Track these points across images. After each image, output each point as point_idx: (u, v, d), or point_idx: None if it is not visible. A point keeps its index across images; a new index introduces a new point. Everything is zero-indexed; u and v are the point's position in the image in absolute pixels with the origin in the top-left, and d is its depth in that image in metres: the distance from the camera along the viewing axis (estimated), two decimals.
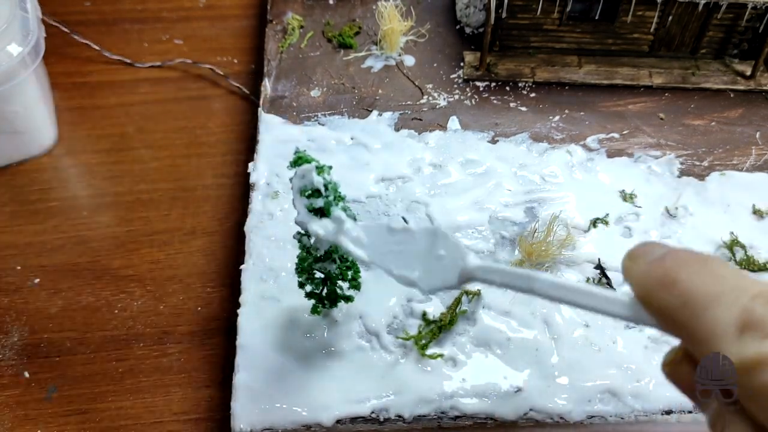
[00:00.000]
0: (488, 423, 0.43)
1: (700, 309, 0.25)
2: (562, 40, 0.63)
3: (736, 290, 0.24)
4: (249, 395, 0.43)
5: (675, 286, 0.26)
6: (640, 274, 0.27)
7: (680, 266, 0.26)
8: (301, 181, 0.37)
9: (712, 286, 0.25)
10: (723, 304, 0.24)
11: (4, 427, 0.45)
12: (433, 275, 0.35)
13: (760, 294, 0.24)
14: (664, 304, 0.26)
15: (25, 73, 0.54)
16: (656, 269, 0.27)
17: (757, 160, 0.56)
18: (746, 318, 0.23)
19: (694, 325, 0.25)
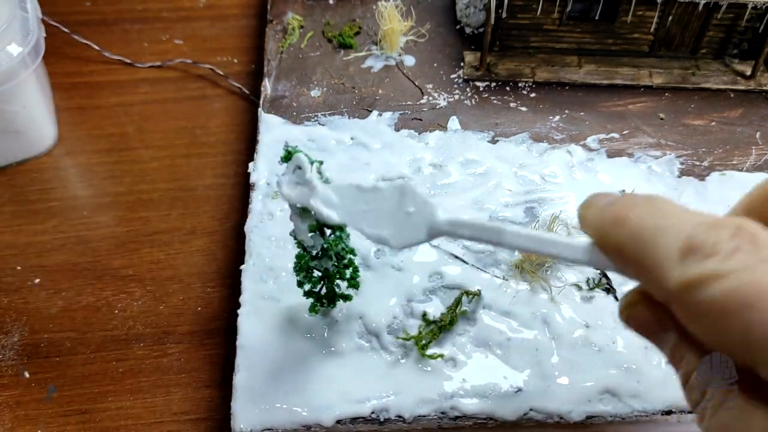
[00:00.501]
0: (488, 423, 0.43)
1: (648, 240, 0.26)
2: (562, 40, 0.63)
3: (681, 221, 0.26)
4: (249, 395, 0.43)
5: (625, 223, 0.27)
6: (594, 218, 0.29)
7: (630, 206, 0.28)
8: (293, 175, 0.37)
9: (659, 219, 0.26)
10: (668, 234, 0.26)
11: (4, 427, 0.45)
12: (403, 232, 0.36)
13: (701, 222, 0.25)
14: (616, 241, 0.28)
15: (25, 73, 0.54)
16: (608, 211, 0.28)
17: (757, 160, 0.56)
18: (688, 243, 0.25)
19: (642, 255, 0.26)
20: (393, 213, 0.36)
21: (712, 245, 0.24)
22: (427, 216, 0.35)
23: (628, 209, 0.28)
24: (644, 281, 0.27)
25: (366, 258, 0.49)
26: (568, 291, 0.48)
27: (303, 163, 0.37)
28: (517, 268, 0.49)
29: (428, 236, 0.35)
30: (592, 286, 0.48)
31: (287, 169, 0.38)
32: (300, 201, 0.38)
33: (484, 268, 0.49)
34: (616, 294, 0.48)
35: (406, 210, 0.35)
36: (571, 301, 0.47)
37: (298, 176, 0.37)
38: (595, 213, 0.29)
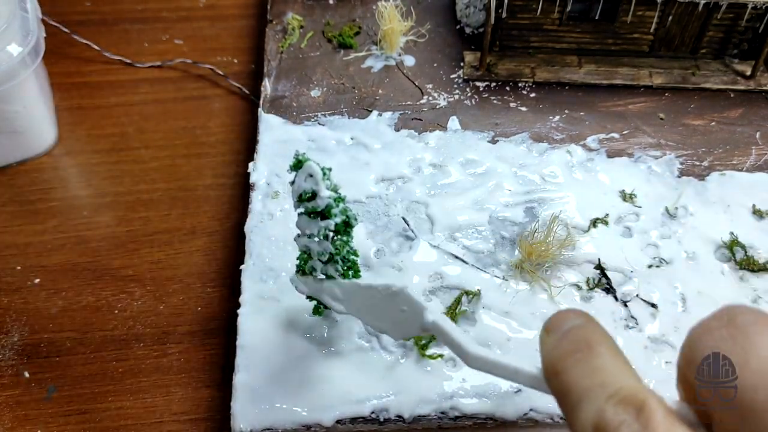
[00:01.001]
0: (488, 423, 0.43)
1: (575, 402, 0.26)
2: (562, 40, 0.63)
3: (600, 387, 0.25)
4: (249, 395, 0.43)
5: (561, 375, 0.27)
6: (545, 353, 0.28)
7: (569, 353, 0.27)
8: (304, 184, 0.37)
9: (586, 379, 0.26)
10: (587, 402, 0.25)
11: (4, 427, 0.45)
12: (400, 326, 0.39)
13: (614, 394, 0.25)
14: (554, 390, 0.27)
15: (25, 73, 0.54)
16: (553, 352, 0.28)
17: (757, 160, 0.56)
18: (598, 421, 0.24)
19: (570, 418, 0.26)
20: (390, 309, 0.39)
21: (615, 428, 0.24)
22: (417, 315, 0.37)
23: (566, 357, 0.27)
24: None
25: (366, 258, 0.49)
26: (568, 291, 0.48)
27: (314, 171, 0.37)
28: (517, 268, 0.49)
29: (422, 331, 0.37)
30: (592, 286, 0.48)
31: (297, 177, 0.38)
32: (313, 294, 0.42)
33: (484, 268, 0.49)
34: (616, 294, 0.48)
35: (400, 308, 0.38)
36: (571, 301, 0.47)
37: (311, 183, 0.37)
38: (547, 347, 0.28)
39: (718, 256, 0.50)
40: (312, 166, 0.37)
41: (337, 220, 0.39)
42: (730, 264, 0.50)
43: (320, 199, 0.38)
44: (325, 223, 0.39)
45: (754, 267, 0.49)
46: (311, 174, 0.37)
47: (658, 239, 0.51)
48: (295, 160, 0.37)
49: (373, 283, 0.39)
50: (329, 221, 0.39)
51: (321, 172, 0.37)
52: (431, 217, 0.52)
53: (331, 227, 0.39)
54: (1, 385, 0.47)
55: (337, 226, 0.39)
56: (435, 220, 0.51)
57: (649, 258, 0.50)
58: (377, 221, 0.51)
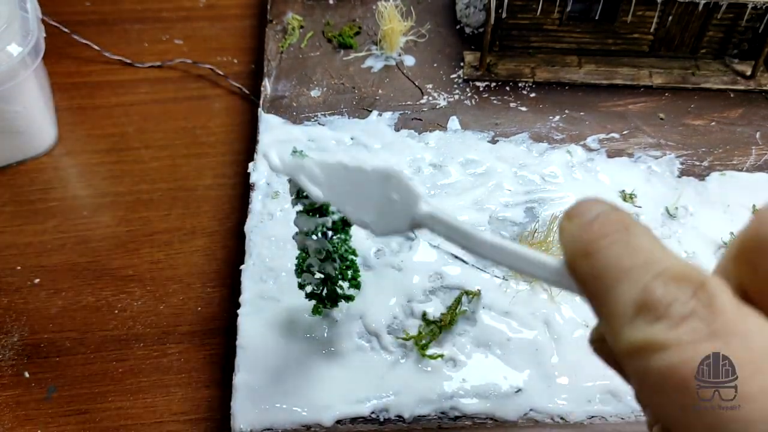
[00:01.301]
0: (488, 423, 0.43)
1: (610, 284, 0.23)
2: (562, 40, 0.63)
3: (644, 266, 0.23)
4: (249, 395, 0.43)
5: (593, 256, 0.24)
6: (569, 237, 0.26)
7: (602, 235, 0.25)
8: None
9: (626, 259, 0.23)
10: (628, 281, 0.23)
11: (4, 427, 0.45)
12: (385, 219, 0.34)
13: (662, 272, 0.22)
14: (583, 274, 0.25)
15: (25, 73, 0.54)
16: (583, 235, 0.25)
17: (757, 160, 0.56)
18: (644, 298, 0.22)
19: (603, 300, 0.24)
20: (377, 198, 0.34)
21: (666, 306, 0.22)
22: (410, 205, 0.33)
23: (600, 238, 0.25)
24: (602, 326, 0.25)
25: (366, 258, 0.49)
26: None
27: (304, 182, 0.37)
28: None
29: (409, 227, 0.33)
30: None
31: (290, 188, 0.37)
32: (288, 173, 0.37)
33: (484, 268, 0.49)
34: None
35: (390, 196, 0.34)
36: (571, 301, 0.47)
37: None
38: (571, 231, 0.26)
39: (718, 256, 0.50)
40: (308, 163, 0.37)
41: (335, 217, 0.39)
42: None
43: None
44: (322, 220, 0.38)
45: None
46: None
47: None
48: (292, 156, 0.37)
49: (362, 165, 0.35)
50: (326, 218, 0.39)
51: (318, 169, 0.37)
52: None
53: (328, 224, 0.39)
54: (1, 385, 0.47)
55: (334, 224, 0.39)
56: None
57: None
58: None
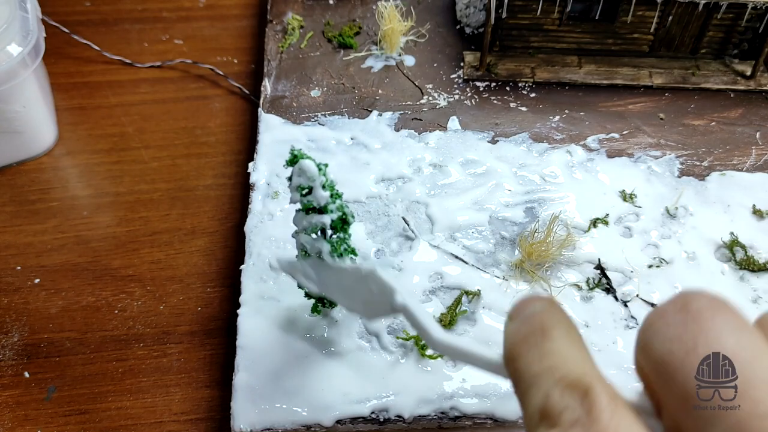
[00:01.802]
0: (488, 423, 0.43)
1: (524, 389, 0.25)
2: (562, 40, 0.63)
3: (549, 372, 0.24)
4: (249, 395, 0.43)
5: (515, 361, 0.26)
6: (505, 338, 0.28)
7: (524, 338, 0.26)
8: (298, 179, 0.37)
9: (535, 365, 0.25)
10: (536, 388, 0.24)
11: (4, 427, 0.45)
12: (371, 306, 0.38)
13: (561, 378, 0.24)
14: (511, 377, 0.27)
15: (25, 73, 0.54)
16: (511, 338, 0.27)
17: (757, 160, 0.56)
18: (543, 406, 0.24)
19: (521, 404, 0.25)
20: (361, 290, 0.38)
21: (559, 413, 0.23)
22: (387, 297, 0.36)
23: (521, 344, 0.26)
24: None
25: (366, 258, 0.49)
26: (568, 291, 0.48)
27: (309, 167, 0.37)
28: (517, 268, 0.49)
29: (392, 312, 0.36)
30: (592, 286, 0.48)
31: (293, 172, 0.38)
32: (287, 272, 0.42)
33: (484, 268, 0.49)
34: (616, 294, 0.48)
35: (370, 288, 0.37)
36: (571, 301, 0.47)
37: (306, 178, 0.37)
38: (508, 333, 0.27)
39: (718, 256, 0.50)
40: (307, 163, 0.37)
41: (334, 216, 0.39)
42: (730, 264, 0.50)
43: (316, 194, 0.38)
44: (320, 219, 0.38)
45: (754, 267, 0.49)
46: (306, 170, 0.37)
47: (658, 239, 0.51)
48: (290, 156, 0.37)
49: (342, 265, 0.39)
50: (325, 217, 0.39)
51: (317, 168, 0.37)
52: (431, 217, 0.52)
53: (327, 223, 0.39)
54: (1, 385, 0.47)
55: (333, 223, 0.39)
56: (435, 220, 0.51)
57: (649, 258, 0.50)
58: (377, 221, 0.51)
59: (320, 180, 0.37)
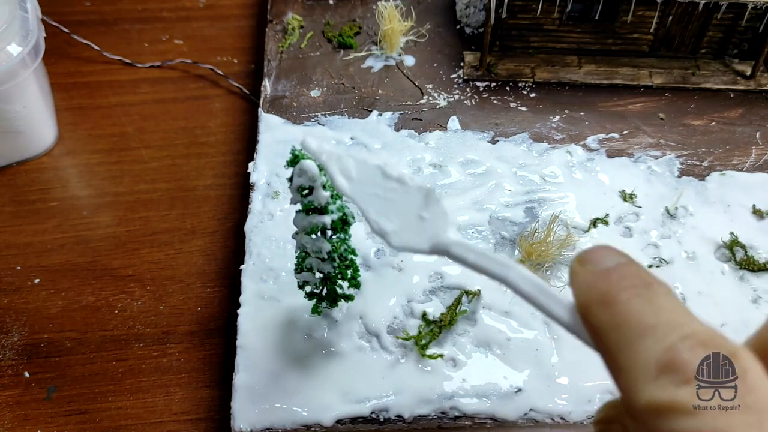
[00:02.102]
0: (488, 423, 0.43)
1: (631, 337, 0.23)
2: (562, 40, 0.63)
3: (670, 326, 0.23)
4: (249, 395, 0.43)
5: (613, 306, 0.24)
6: (583, 283, 0.26)
7: (624, 286, 0.24)
8: (299, 179, 0.37)
9: (649, 315, 0.23)
10: (652, 338, 0.23)
11: (4, 427, 0.45)
12: (407, 233, 0.33)
13: (691, 335, 0.22)
14: (599, 323, 0.25)
15: (25, 73, 0.54)
16: (600, 282, 0.25)
17: (757, 160, 0.56)
18: (669, 358, 0.22)
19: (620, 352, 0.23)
20: (406, 211, 0.34)
21: (692, 369, 0.21)
22: (438, 228, 0.33)
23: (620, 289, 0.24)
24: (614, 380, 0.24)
25: (366, 258, 0.49)
26: (568, 291, 0.48)
27: (310, 168, 0.37)
28: None
29: (431, 249, 0.33)
30: None
31: (294, 172, 0.37)
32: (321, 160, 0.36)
33: None
34: None
35: (420, 214, 0.33)
36: None
37: (306, 179, 0.37)
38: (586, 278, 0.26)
39: (718, 256, 0.50)
40: (307, 163, 0.37)
41: (334, 216, 0.39)
42: (730, 264, 0.50)
43: (317, 195, 0.38)
44: (321, 219, 0.38)
45: (754, 267, 0.49)
46: (307, 170, 0.37)
47: (658, 239, 0.51)
48: (291, 156, 0.37)
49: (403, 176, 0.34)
50: (326, 217, 0.38)
51: (317, 168, 0.37)
52: None
53: (327, 224, 0.39)
54: (1, 385, 0.47)
55: (334, 223, 0.39)
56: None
57: (649, 258, 0.50)
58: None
59: (321, 180, 0.37)
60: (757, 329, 0.25)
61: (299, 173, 0.37)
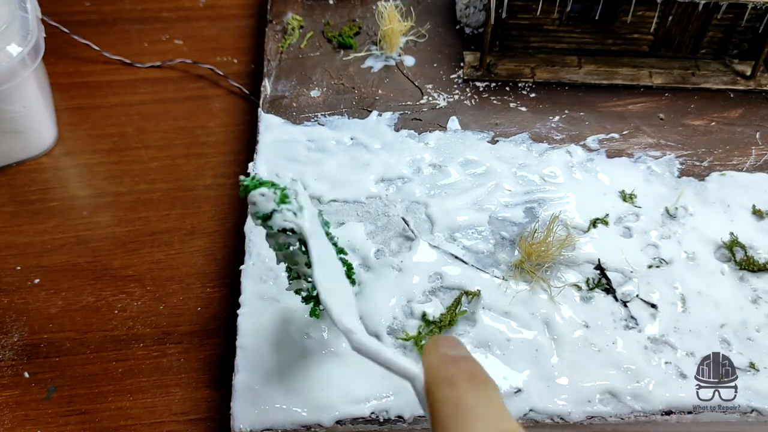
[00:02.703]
0: None
1: (465, 419, 0.28)
2: (562, 40, 0.63)
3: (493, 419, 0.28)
4: (249, 395, 0.43)
5: (455, 389, 0.29)
6: (434, 361, 0.31)
7: (466, 376, 0.30)
8: (253, 207, 0.36)
9: (482, 407, 0.29)
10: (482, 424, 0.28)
11: (4, 427, 0.45)
12: None
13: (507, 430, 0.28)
14: (442, 398, 0.30)
15: (25, 73, 0.54)
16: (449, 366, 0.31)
17: (757, 160, 0.56)
18: None
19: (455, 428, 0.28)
20: None
21: None
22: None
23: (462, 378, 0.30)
24: None
25: (366, 258, 0.49)
26: (568, 291, 0.48)
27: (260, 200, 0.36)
28: (517, 269, 0.49)
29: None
30: (592, 286, 0.48)
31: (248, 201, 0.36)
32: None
33: (484, 269, 0.49)
34: (616, 294, 0.48)
35: None
36: (571, 301, 0.47)
37: (259, 208, 0.36)
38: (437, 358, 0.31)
39: (718, 256, 0.50)
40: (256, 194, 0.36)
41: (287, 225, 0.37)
42: (730, 264, 0.50)
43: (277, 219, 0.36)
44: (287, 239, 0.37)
45: (754, 267, 0.49)
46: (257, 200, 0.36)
47: (658, 239, 0.51)
48: (241, 186, 0.36)
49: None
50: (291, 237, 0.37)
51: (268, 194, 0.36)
52: (431, 217, 0.52)
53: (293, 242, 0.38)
54: (1, 385, 0.47)
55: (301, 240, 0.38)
56: (435, 221, 0.51)
57: (649, 258, 0.50)
58: (377, 221, 0.51)
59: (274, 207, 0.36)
60: None
61: (252, 203, 0.36)
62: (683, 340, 0.45)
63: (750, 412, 0.42)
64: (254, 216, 0.37)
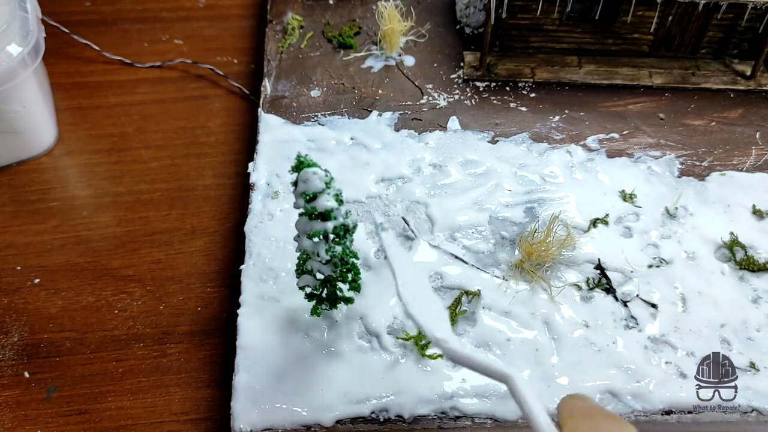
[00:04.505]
0: (488, 423, 0.43)
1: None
2: (562, 40, 0.63)
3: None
4: (249, 395, 0.43)
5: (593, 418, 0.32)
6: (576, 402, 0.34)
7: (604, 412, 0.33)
8: (303, 185, 0.37)
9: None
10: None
11: (4, 427, 0.45)
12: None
13: None
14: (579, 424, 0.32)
15: (25, 73, 0.54)
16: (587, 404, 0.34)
17: (757, 160, 0.56)
18: None
19: None
20: None
21: None
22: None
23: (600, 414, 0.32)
24: None
25: (366, 258, 0.49)
26: (568, 291, 0.48)
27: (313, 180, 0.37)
28: (517, 268, 0.49)
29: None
30: (592, 286, 0.48)
31: (300, 178, 0.38)
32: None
33: (484, 268, 0.49)
34: (616, 294, 0.48)
35: None
36: (571, 301, 0.47)
37: (313, 185, 0.37)
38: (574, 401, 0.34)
39: (718, 256, 0.50)
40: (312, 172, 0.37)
41: (337, 222, 0.39)
42: (730, 264, 0.50)
43: (320, 202, 0.38)
44: (323, 225, 0.39)
45: (754, 267, 0.49)
46: (311, 179, 0.37)
47: (658, 239, 0.51)
48: (297, 161, 0.37)
49: None
50: (328, 224, 0.39)
51: (325, 176, 0.37)
52: (431, 217, 0.52)
53: (329, 229, 0.39)
54: (1, 385, 0.47)
55: (336, 230, 0.40)
56: (435, 220, 0.51)
57: (649, 258, 0.50)
58: (377, 221, 0.51)
59: (326, 189, 0.37)
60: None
61: (304, 180, 0.37)
62: (683, 340, 0.45)
63: (750, 411, 0.42)
64: (301, 195, 0.38)
